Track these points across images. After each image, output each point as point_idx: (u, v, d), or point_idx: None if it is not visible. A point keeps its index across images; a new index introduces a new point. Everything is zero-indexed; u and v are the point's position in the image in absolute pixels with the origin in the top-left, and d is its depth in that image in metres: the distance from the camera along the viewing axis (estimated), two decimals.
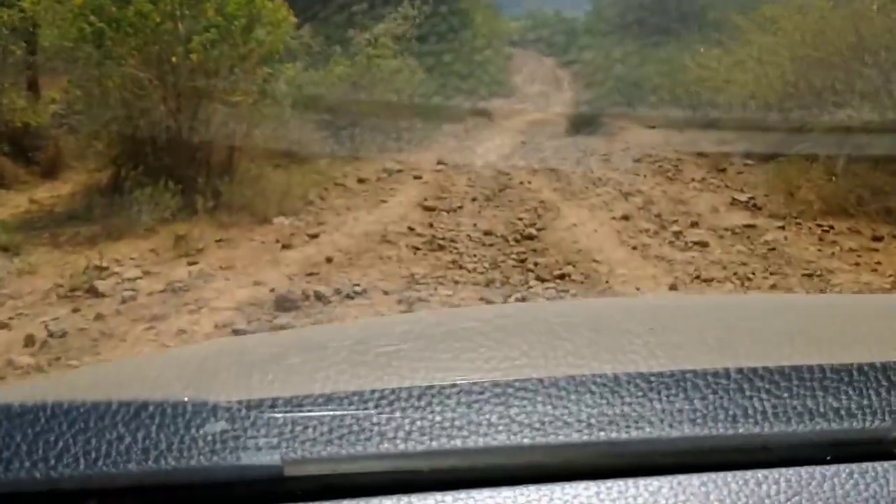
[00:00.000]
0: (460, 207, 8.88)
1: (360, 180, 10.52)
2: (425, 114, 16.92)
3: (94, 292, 5.55)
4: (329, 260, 6.54)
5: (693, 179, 10.85)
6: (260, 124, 9.85)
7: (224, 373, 0.89)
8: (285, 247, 6.95)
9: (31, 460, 0.64)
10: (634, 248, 7.26)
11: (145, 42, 8.39)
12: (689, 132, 16.65)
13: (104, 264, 6.12)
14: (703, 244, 7.28)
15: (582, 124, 17.95)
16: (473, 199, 9.36)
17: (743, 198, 9.24)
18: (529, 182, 10.74)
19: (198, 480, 0.66)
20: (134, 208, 7.43)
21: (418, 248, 6.99)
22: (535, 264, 6.58)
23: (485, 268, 6.51)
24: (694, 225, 8.15)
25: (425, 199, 9.17)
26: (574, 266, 6.52)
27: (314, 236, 7.34)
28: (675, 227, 7.93)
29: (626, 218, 8.33)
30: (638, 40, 22.93)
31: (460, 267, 6.52)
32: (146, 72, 8.43)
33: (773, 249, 7.12)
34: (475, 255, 6.86)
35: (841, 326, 1.07)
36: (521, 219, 8.34)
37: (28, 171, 9.44)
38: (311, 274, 6.17)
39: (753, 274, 6.34)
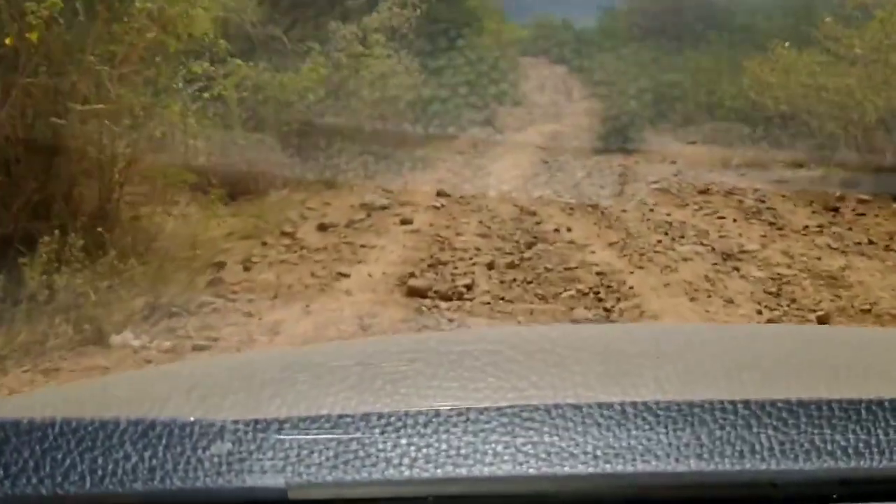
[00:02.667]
0: (469, 288, 4.92)
1: (323, 227, 6.54)
2: (424, 126, 13.19)
3: None
4: None
5: (807, 228, 6.80)
6: (171, 142, 6.18)
7: (231, 391, 0.83)
8: None
9: (39, 477, 0.63)
10: None
11: None
12: (744, 150, 12.89)
13: None
14: None
15: (609, 138, 14.17)
16: (490, 267, 5.44)
17: None
18: (569, 229, 6.71)
19: (203, 501, 0.65)
20: None
21: None
22: None
23: None
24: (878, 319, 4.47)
25: (413, 269, 5.29)
26: None
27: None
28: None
29: (767, 319, 4.40)
30: (654, 48, 19.59)
31: None
32: None
33: None
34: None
35: (850, 360, 0.99)
36: (576, 310, 4.59)
37: None
38: None
39: None
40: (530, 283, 5.01)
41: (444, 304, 4.42)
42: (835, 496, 0.64)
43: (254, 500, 0.62)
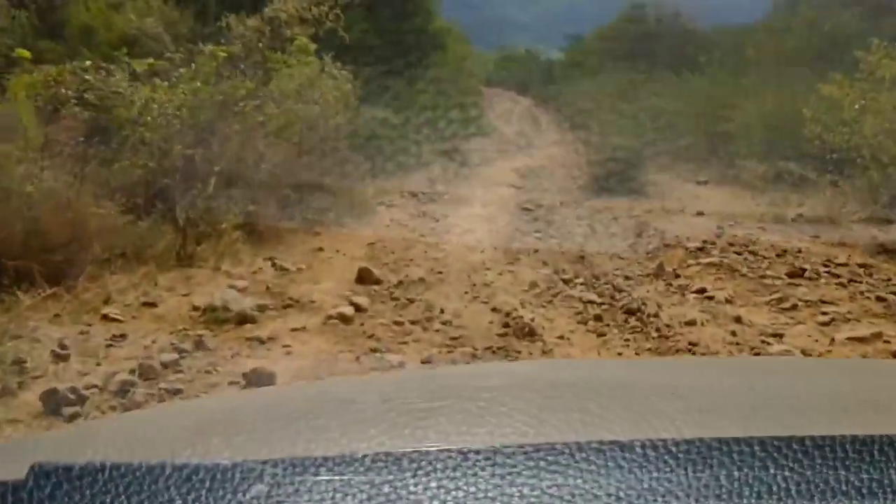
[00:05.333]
0: None
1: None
2: (363, 156, 9.45)
3: None
4: None
5: None
6: None
7: (260, 428, 0.78)
8: None
9: None
10: None
11: None
12: (780, 194, 9.34)
13: None
14: None
15: (601, 176, 10.56)
16: None
17: None
18: (568, 337, 3.66)
19: None
20: None
21: None
22: None
23: None
24: None
25: None
26: None
27: None
28: None
29: None
30: (625, 76, 16.35)
31: None
32: None
33: None
34: None
35: (867, 393, 0.91)
36: None
37: None
38: None
39: None
40: None
41: None
42: None
43: None
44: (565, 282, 4.87)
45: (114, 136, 5.40)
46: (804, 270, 5.00)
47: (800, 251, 5.84)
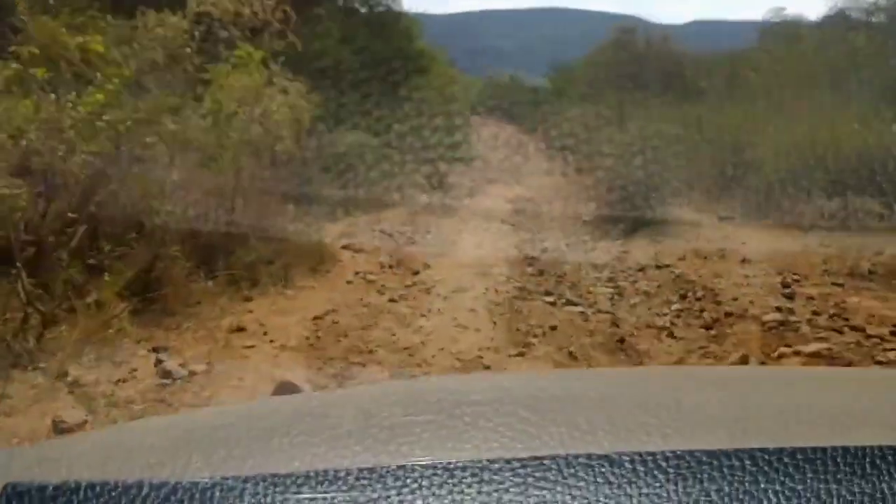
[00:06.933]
0: None
1: None
2: (336, 187, 7.55)
3: None
4: None
5: None
6: None
7: (242, 444, 0.71)
8: None
9: None
10: None
11: None
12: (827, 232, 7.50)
13: None
14: None
15: (609, 215, 8.71)
16: None
17: None
18: None
19: None
20: None
21: None
22: None
23: None
24: None
25: None
26: None
27: None
28: None
29: None
30: (616, 101, 14.85)
31: None
32: None
33: None
34: None
35: (856, 404, 0.83)
36: None
37: None
38: None
39: None
40: None
41: None
42: None
43: None
44: None
45: None
46: None
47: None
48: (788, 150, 8.72)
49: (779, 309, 4.27)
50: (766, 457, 0.60)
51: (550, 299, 4.44)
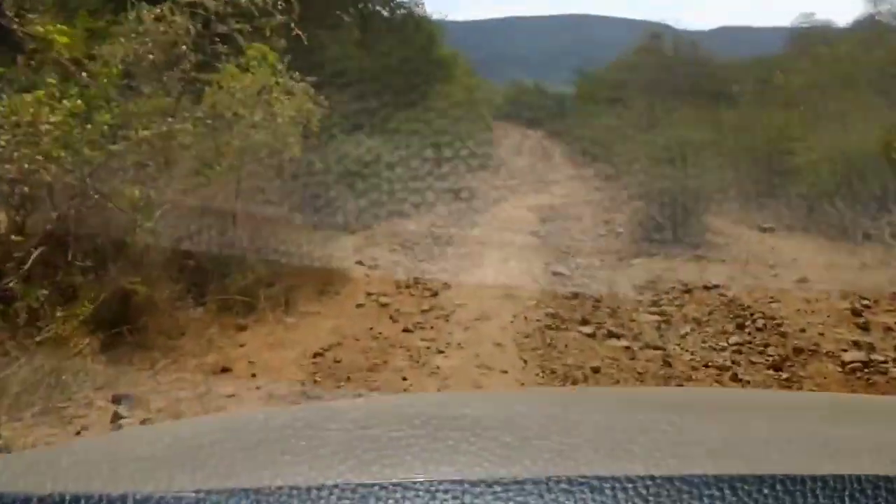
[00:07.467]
0: None
1: None
2: (351, 196, 6.96)
3: None
4: None
5: None
6: None
7: (223, 458, 0.70)
8: None
9: None
10: None
11: None
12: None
13: None
14: None
15: (642, 222, 8.04)
16: None
17: None
18: None
19: None
20: None
21: None
22: None
23: None
24: None
25: None
26: None
27: None
28: None
29: None
30: (645, 107, 14.28)
31: None
32: None
33: None
34: None
35: (841, 430, 0.82)
36: None
37: None
38: None
39: None
40: None
41: None
42: None
43: None
44: None
45: None
46: None
47: None
48: (834, 158, 7.99)
49: (856, 344, 3.58)
50: (746, 486, 0.57)
51: (588, 330, 3.79)
